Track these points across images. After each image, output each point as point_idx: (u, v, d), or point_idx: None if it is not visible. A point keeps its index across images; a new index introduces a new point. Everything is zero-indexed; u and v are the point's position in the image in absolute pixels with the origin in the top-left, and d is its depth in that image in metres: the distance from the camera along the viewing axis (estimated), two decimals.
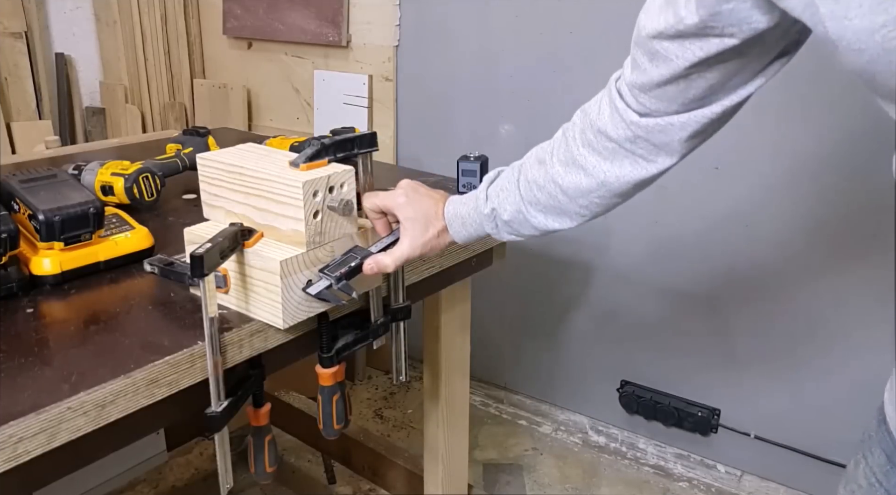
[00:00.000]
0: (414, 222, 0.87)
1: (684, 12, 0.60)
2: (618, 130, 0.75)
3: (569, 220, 0.84)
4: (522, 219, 0.86)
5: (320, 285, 0.81)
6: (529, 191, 0.84)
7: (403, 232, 0.87)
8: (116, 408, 0.67)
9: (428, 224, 0.88)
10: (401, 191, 0.88)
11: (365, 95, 2.21)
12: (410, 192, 0.88)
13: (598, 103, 0.79)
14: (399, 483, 1.65)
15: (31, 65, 2.39)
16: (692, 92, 0.67)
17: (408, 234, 0.87)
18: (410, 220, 0.87)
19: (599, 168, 0.78)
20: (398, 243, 0.87)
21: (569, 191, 0.81)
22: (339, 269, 0.82)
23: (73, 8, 2.53)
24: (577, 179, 0.80)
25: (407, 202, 0.87)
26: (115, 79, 2.59)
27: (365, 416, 2.23)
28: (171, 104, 2.60)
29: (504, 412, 2.24)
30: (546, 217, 0.84)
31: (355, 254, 0.85)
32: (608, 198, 0.80)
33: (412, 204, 0.87)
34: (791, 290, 1.69)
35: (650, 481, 1.95)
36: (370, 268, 0.84)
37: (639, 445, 2.03)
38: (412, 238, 0.87)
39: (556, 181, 0.81)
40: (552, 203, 0.83)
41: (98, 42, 2.60)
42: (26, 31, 2.37)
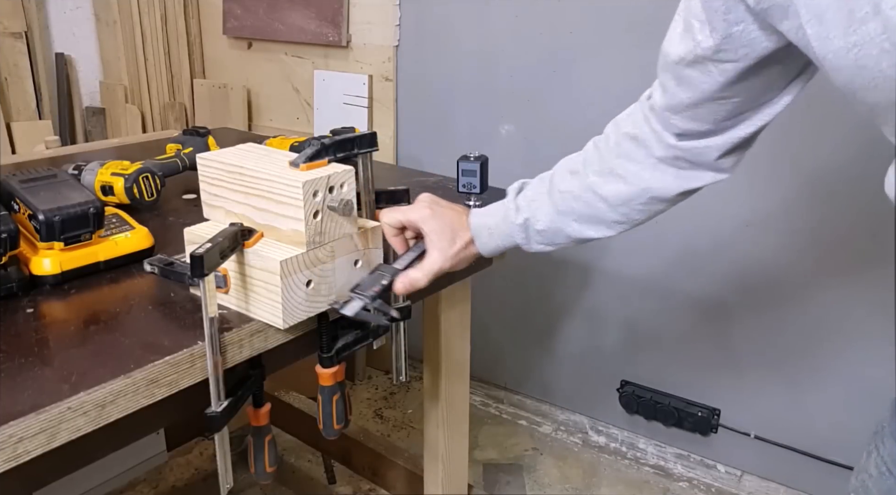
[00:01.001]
0: (441, 234, 0.85)
1: (700, 37, 0.63)
2: (658, 148, 0.77)
3: (606, 229, 0.84)
4: (557, 229, 0.85)
5: (355, 306, 0.80)
6: (564, 202, 0.84)
7: (431, 244, 0.85)
8: (116, 408, 0.67)
9: (454, 236, 0.86)
10: (423, 203, 0.86)
11: (365, 95, 2.21)
12: (433, 205, 0.87)
13: (632, 117, 0.80)
14: (399, 483, 1.65)
15: (31, 65, 2.39)
16: (722, 113, 0.69)
17: (436, 247, 0.85)
18: (437, 233, 0.85)
19: (640, 176, 0.79)
20: (427, 256, 0.85)
21: (609, 199, 0.81)
22: (371, 288, 0.81)
23: (73, 8, 2.53)
24: (617, 188, 0.80)
25: (432, 214, 0.85)
26: (115, 79, 2.59)
27: (365, 416, 2.23)
28: (171, 104, 2.60)
29: (504, 412, 2.24)
30: (582, 226, 0.84)
31: (383, 271, 0.84)
32: (651, 205, 0.81)
33: (437, 216, 0.86)
34: (791, 291, 1.69)
35: (650, 481, 1.95)
36: (403, 287, 0.83)
37: (639, 445, 2.03)
38: (441, 250, 0.85)
39: (594, 190, 0.81)
40: (590, 212, 0.83)
41: (98, 42, 2.60)
42: (26, 31, 2.37)
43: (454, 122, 2.10)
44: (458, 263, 0.88)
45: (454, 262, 0.87)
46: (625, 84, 1.77)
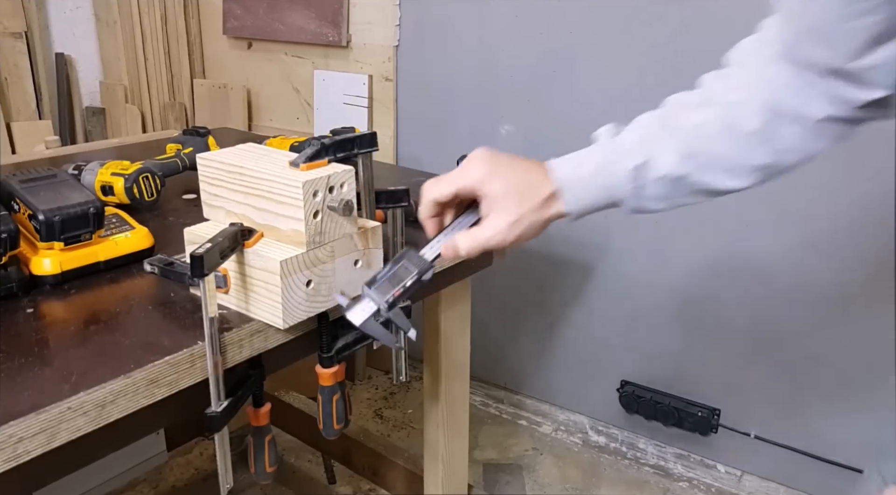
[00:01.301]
0: (505, 196, 0.69)
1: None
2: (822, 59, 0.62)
3: (744, 178, 0.68)
4: (680, 177, 0.67)
5: (364, 311, 0.69)
6: (692, 140, 0.66)
7: (490, 207, 0.70)
8: (116, 408, 0.67)
9: (525, 194, 0.69)
10: (476, 161, 0.71)
11: (365, 95, 2.21)
12: (491, 160, 0.71)
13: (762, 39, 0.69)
14: (399, 483, 1.65)
15: (31, 65, 2.39)
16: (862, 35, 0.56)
17: (498, 208, 0.70)
18: (501, 196, 0.69)
19: (795, 100, 0.64)
20: (484, 222, 0.71)
21: (757, 131, 0.64)
22: (391, 289, 0.69)
23: (73, 8, 2.53)
24: (765, 117, 0.64)
25: (490, 173, 0.70)
26: (115, 79, 2.59)
27: (365, 416, 2.23)
28: (171, 104, 2.60)
29: (504, 412, 2.24)
30: (717, 172, 0.67)
31: (410, 263, 0.70)
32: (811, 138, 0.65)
33: (498, 174, 0.70)
34: (790, 289, 1.69)
35: (650, 481, 1.95)
36: (451, 252, 0.71)
37: (639, 445, 2.03)
38: (505, 212, 0.69)
39: (733, 121, 0.65)
40: (728, 152, 0.66)
41: (98, 42, 2.60)
42: (26, 31, 2.37)
43: (454, 122, 2.10)
44: (526, 231, 0.70)
45: (522, 230, 0.70)
46: (624, 84, 1.77)
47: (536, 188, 0.70)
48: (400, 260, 0.70)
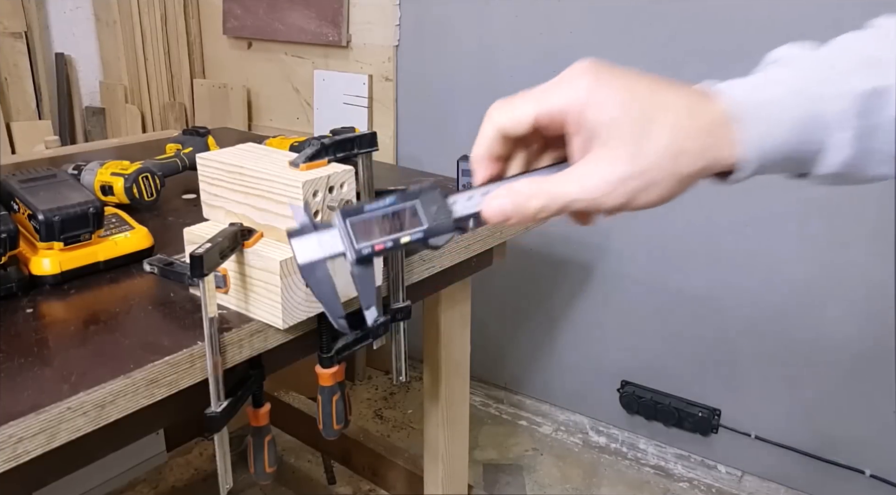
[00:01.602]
0: (628, 123, 0.42)
1: None
2: None
3: None
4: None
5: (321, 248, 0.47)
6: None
7: (593, 145, 0.43)
8: (116, 409, 0.67)
9: (664, 123, 0.42)
10: (578, 71, 0.44)
11: (365, 95, 2.20)
12: (602, 71, 0.44)
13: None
14: (399, 483, 1.65)
15: (31, 65, 2.39)
16: None
17: (611, 148, 0.42)
18: (618, 123, 0.42)
19: None
20: (571, 169, 0.44)
21: None
22: (374, 234, 0.46)
23: (72, 8, 2.53)
24: None
25: (601, 87, 0.43)
26: (115, 79, 2.59)
27: (365, 417, 2.23)
28: (170, 104, 2.60)
29: (504, 412, 2.24)
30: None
31: (424, 208, 0.46)
32: None
33: (615, 88, 0.43)
34: (791, 289, 1.69)
35: (651, 481, 1.95)
36: (498, 211, 0.45)
37: (639, 445, 2.03)
38: (622, 151, 0.42)
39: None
40: None
41: (98, 42, 2.60)
42: (26, 31, 2.37)
43: (454, 122, 2.10)
44: (652, 190, 0.43)
45: (644, 183, 0.42)
46: None
47: (691, 114, 0.42)
48: (412, 196, 0.47)
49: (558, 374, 2.14)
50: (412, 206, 0.47)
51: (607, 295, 1.98)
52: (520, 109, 0.47)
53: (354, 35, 2.20)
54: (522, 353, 2.19)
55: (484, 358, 2.18)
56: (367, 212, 0.46)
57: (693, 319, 1.85)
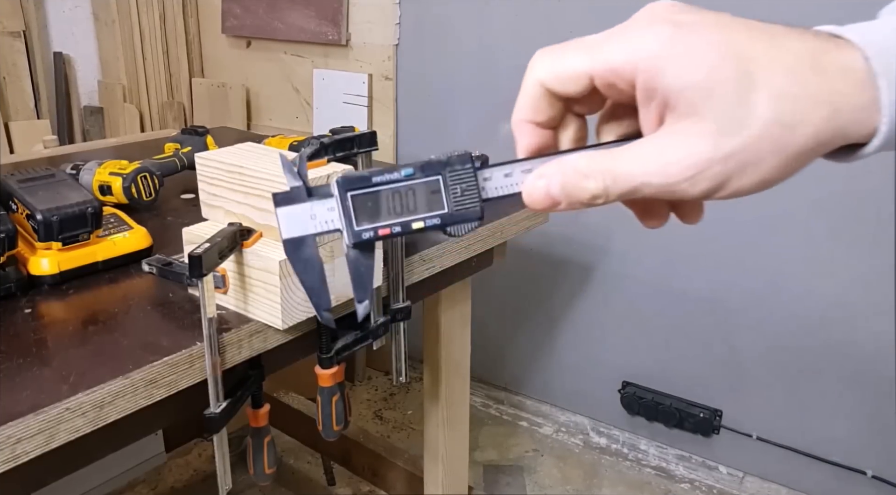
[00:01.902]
0: (705, 88, 0.32)
1: None
2: None
3: None
4: None
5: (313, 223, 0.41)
6: None
7: (676, 115, 0.33)
8: (115, 409, 0.66)
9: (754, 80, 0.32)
10: (649, 17, 0.36)
11: (365, 94, 2.20)
12: (680, 18, 0.34)
13: None
14: (399, 484, 1.65)
15: (30, 64, 2.39)
16: None
17: (694, 120, 0.33)
18: (698, 88, 0.32)
19: None
20: (644, 141, 0.35)
21: None
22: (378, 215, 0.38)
23: (71, 7, 2.52)
24: None
25: (674, 41, 0.33)
26: (114, 78, 2.58)
27: (365, 417, 2.22)
28: (169, 103, 2.59)
29: (504, 413, 2.23)
30: None
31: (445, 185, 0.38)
32: None
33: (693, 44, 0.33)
34: (793, 290, 1.69)
35: (652, 482, 1.95)
36: (543, 194, 0.36)
37: (640, 446, 2.02)
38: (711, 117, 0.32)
39: None
40: None
41: (97, 41, 2.60)
42: (25, 31, 2.37)
43: (454, 122, 2.09)
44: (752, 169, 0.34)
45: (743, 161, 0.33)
46: None
47: (814, 67, 0.32)
48: (435, 170, 0.38)
49: (559, 375, 2.14)
50: (434, 183, 0.38)
51: (608, 295, 1.97)
52: (570, 62, 0.36)
53: (354, 34, 2.20)
54: (523, 354, 2.19)
55: (484, 358, 2.17)
56: (374, 184, 0.37)
57: (694, 320, 1.85)
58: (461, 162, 0.38)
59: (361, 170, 0.38)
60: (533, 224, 1.22)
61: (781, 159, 0.33)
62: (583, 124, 0.40)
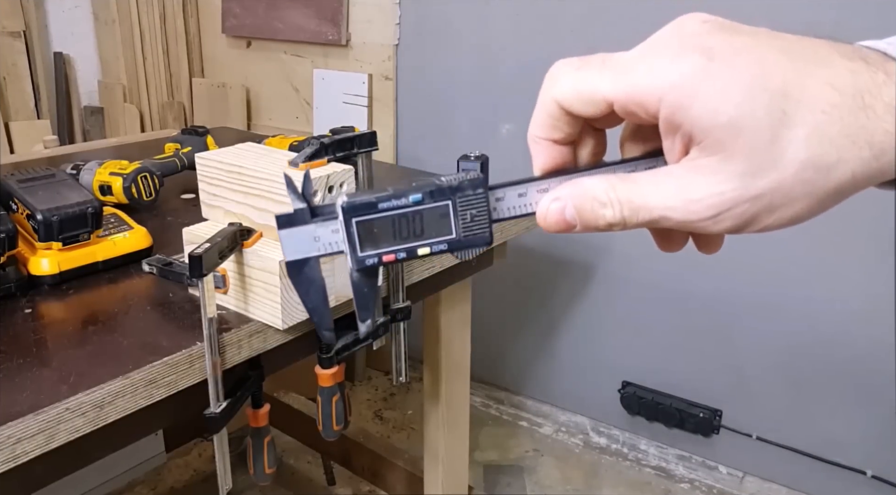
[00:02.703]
0: (735, 126, 0.29)
1: None
2: None
3: None
4: None
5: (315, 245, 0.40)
6: None
7: (703, 150, 0.31)
8: (115, 409, 0.66)
9: (789, 118, 0.29)
10: (678, 43, 0.33)
11: (365, 94, 2.20)
12: (713, 45, 0.31)
13: None
14: (399, 484, 1.65)
15: (30, 64, 2.39)
16: None
17: (722, 157, 0.30)
18: (728, 126, 0.30)
19: None
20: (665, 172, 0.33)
21: None
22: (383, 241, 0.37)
23: (71, 7, 2.52)
24: None
25: (705, 74, 0.30)
26: (114, 78, 2.58)
27: (365, 417, 2.22)
28: (169, 103, 2.59)
29: (505, 413, 2.23)
30: None
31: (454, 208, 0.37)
32: None
33: (725, 77, 0.30)
34: (793, 290, 1.69)
35: (652, 482, 1.95)
36: (557, 217, 0.35)
37: (640, 446, 2.02)
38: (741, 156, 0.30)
39: None
40: None
41: (97, 41, 2.60)
42: (25, 31, 2.37)
43: (454, 122, 2.09)
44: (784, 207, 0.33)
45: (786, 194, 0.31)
46: None
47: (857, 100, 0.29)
48: (445, 195, 0.37)
49: (559, 375, 2.14)
50: (443, 208, 0.37)
51: (608, 295, 1.97)
52: (591, 84, 0.34)
53: (354, 34, 2.20)
54: (523, 354, 2.19)
55: (484, 358, 2.17)
56: (380, 210, 0.36)
57: (694, 319, 1.85)
58: (473, 187, 0.37)
59: (368, 194, 0.37)
60: (533, 224, 1.22)
61: (814, 200, 0.32)
62: (601, 139, 0.38)
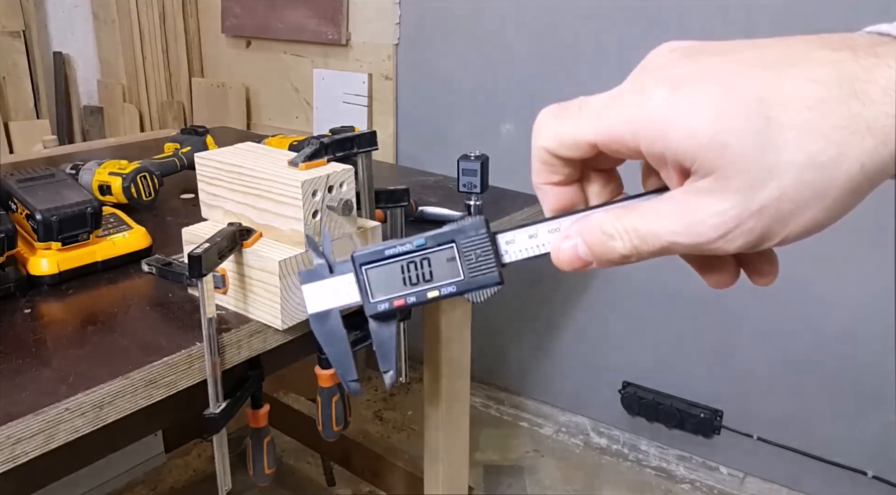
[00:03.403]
0: (718, 145, 0.29)
1: None
2: None
3: None
4: None
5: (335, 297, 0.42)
6: None
7: (695, 173, 0.30)
8: (114, 410, 0.66)
9: (776, 123, 0.28)
10: (646, 75, 0.32)
11: (364, 94, 2.20)
12: (678, 73, 0.30)
13: None
14: (399, 485, 1.65)
15: (29, 64, 2.39)
16: None
17: (714, 178, 0.30)
18: (710, 147, 0.29)
19: None
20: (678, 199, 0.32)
21: None
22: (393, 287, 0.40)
23: (71, 6, 2.52)
24: None
25: (673, 102, 0.30)
26: (114, 78, 2.58)
27: (365, 418, 2.22)
28: (169, 103, 2.59)
29: (505, 413, 2.23)
30: None
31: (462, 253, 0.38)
32: None
33: (695, 101, 0.29)
34: (793, 290, 1.68)
35: (652, 483, 1.95)
36: (571, 256, 0.37)
37: (641, 447, 2.02)
38: (734, 172, 0.29)
39: None
40: None
41: (96, 41, 2.59)
42: (24, 30, 2.36)
43: (454, 122, 2.09)
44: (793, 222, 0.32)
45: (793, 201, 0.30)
46: None
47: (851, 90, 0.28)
48: (448, 238, 0.38)
49: (559, 375, 2.14)
50: (448, 251, 0.38)
51: (608, 295, 1.97)
52: (570, 130, 0.35)
53: (354, 33, 2.20)
54: (523, 354, 2.19)
55: (484, 359, 2.17)
56: (387, 257, 0.39)
57: (694, 320, 1.84)
58: (475, 228, 0.38)
59: (377, 244, 0.39)
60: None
61: (828, 202, 0.31)
62: (612, 176, 0.38)
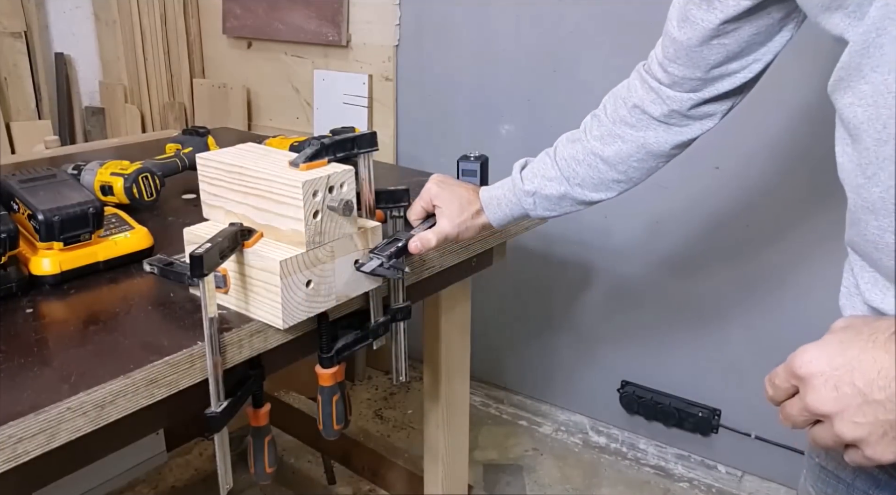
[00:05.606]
0: (449, 204, 0.94)
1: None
2: (654, 106, 0.82)
3: (607, 191, 0.90)
4: (562, 194, 0.90)
5: (373, 264, 0.86)
6: (568, 168, 0.89)
7: (440, 214, 0.94)
8: (116, 409, 0.67)
9: (463, 206, 0.94)
10: (431, 183, 0.96)
11: (365, 95, 2.20)
12: (441, 182, 0.96)
13: (628, 85, 0.86)
14: (399, 483, 1.65)
15: (31, 64, 2.39)
16: (713, 58, 0.74)
17: (444, 215, 0.94)
18: (446, 203, 0.94)
19: (636, 135, 0.85)
20: (437, 223, 0.94)
21: (609, 159, 0.87)
22: (388, 249, 0.88)
23: (72, 7, 2.53)
24: (616, 147, 0.86)
25: (440, 189, 0.95)
26: (115, 78, 2.58)
27: (365, 417, 2.23)
28: (170, 104, 2.59)
29: (504, 412, 2.24)
30: (585, 189, 0.90)
31: (399, 236, 0.92)
32: (648, 161, 0.86)
33: (445, 190, 0.95)
34: (793, 290, 1.69)
35: (651, 481, 1.95)
36: (416, 247, 0.90)
37: (639, 446, 2.02)
38: (449, 217, 0.93)
39: (594, 153, 0.87)
40: (592, 174, 0.88)
41: (98, 42, 2.60)
42: (26, 31, 2.37)
43: (454, 122, 2.10)
44: (465, 231, 0.95)
45: (461, 230, 0.94)
46: None
47: (468, 204, 0.95)
48: (393, 237, 0.91)
49: (558, 374, 2.14)
50: (395, 237, 0.89)
51: (607, 294, 1.97)
52: (416, 208, 0.98)
53: (354, 34, 2.20)
54: (522, 353, 2.19)
55: (484, 358, 2.18)
56: (379, 245, 0.88)
57: (693, 319, 1.85)
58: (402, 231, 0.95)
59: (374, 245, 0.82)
60: (532, 224, 1.23)
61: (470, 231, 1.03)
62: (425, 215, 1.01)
